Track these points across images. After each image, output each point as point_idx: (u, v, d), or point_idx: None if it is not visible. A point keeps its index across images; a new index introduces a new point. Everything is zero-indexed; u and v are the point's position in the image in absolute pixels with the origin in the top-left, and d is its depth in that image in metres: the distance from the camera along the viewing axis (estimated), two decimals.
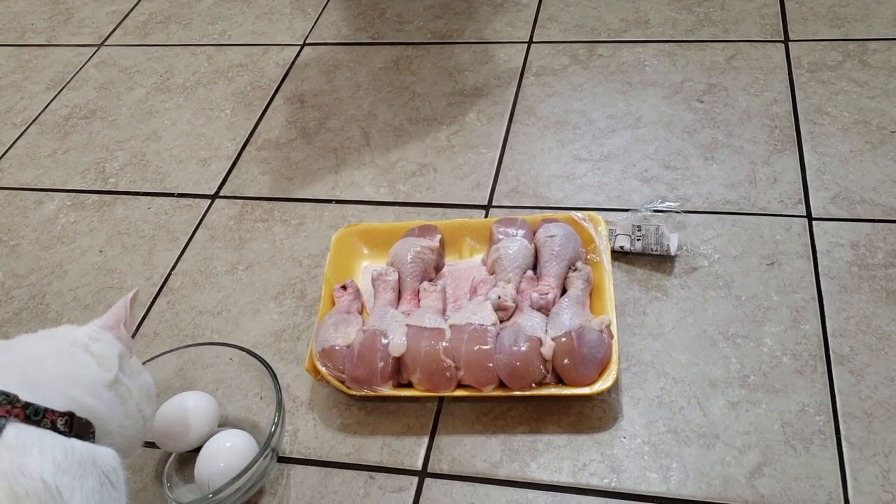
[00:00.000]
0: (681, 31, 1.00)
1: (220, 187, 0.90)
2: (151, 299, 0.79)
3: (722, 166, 0.82)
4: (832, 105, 0.86)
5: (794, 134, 0.84)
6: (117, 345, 0.54)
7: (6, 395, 0.44)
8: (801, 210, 0.76)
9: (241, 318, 0.76)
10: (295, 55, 1.07)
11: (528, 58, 1.00)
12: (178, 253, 0.83)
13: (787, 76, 0.91)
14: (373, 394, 0.65)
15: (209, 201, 0.89)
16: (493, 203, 0.83)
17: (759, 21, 0.99)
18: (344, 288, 0.72)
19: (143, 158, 0.95)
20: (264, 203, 0.87)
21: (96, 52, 1.14)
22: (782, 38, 0.96)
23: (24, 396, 0.45)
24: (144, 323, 0.77)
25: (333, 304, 0.71)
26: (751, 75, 0.91)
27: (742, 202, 0.78)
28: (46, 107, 1.05)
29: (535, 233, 0.74)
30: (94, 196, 0.92)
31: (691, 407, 0.63)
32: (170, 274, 0.81)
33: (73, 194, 0.92)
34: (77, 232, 0.87)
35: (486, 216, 0.81)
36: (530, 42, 1.03)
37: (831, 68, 0.90)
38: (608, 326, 0.65)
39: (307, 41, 1.09)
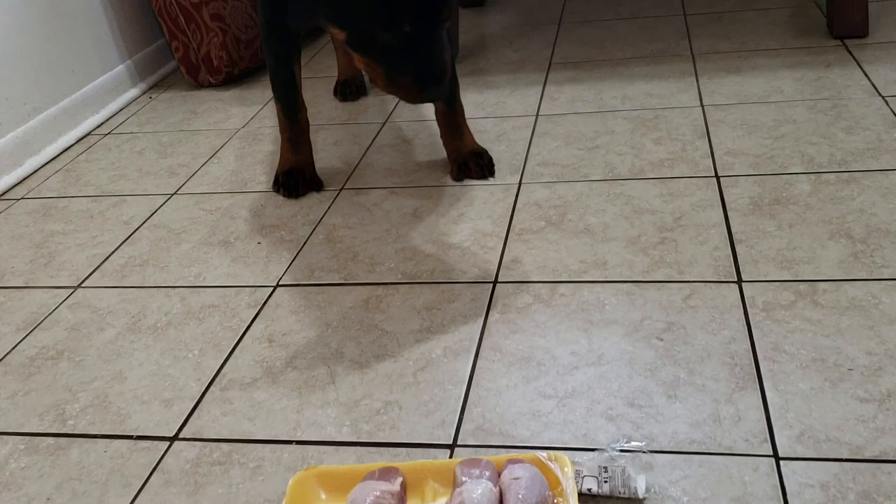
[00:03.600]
0: (637, 272, 1.04)
1: (180, 429, 0.88)
2: None
3: (685, 404, 0.81)
4: (789, 343, 0.88)
5: (755, 372, 0.84)
6: None
7: None
8: (768, 449, 0.75)
9: None
10: (267, 296, 1.10)
11: (494, 296, 1.03)
12: (130, 500, 0.80)
13: (743, 315, 0.93)
14: None
15: (168, 443, 0.86)
16: (459, 442, 0.81)
17: (713, 263, 1.03)
18: None
19: (106, 399, 0.94)
20: (223, 445, 0.85)
21: (72, 293, 1.17)
22: (735, 279, 1.00)
23: None
24: None
25: None
26: (708, 314, 0.94)
27: (708, 441, 0.77)
28: (14, 348, 1.06)
29: (500, 474, 0.72)
30: (50, 439, 0.89)
31: None
32: None
33: (27, 437, 0.90)
34: (26, 478, 0.84)
35: (450, 456, 0.80)
36: (495, 282, 1.06)
37: (785, 307, 0.94)
38: None
39: (280, 282, 1.13)
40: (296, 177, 1.36)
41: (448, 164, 1.38)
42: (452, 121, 1.36)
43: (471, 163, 1.35)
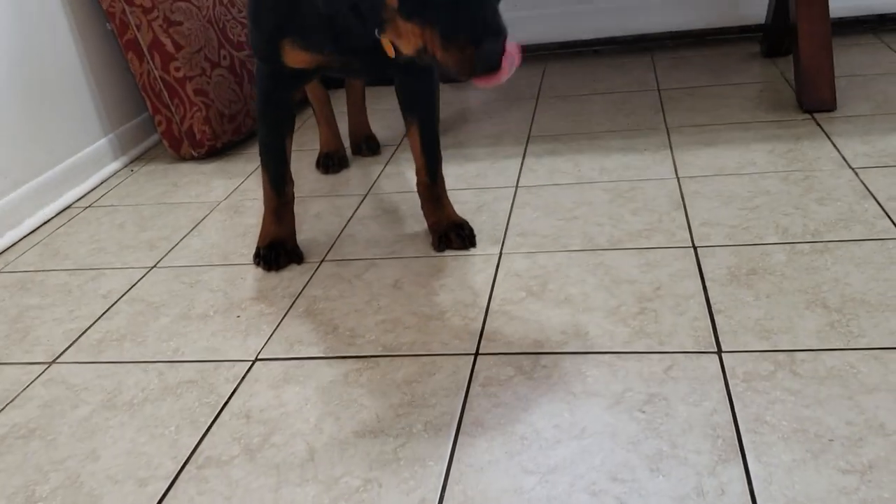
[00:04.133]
0: (618, 342, 1.04)
1: None
2: None
3: (668, 478, 0.81)
4: (770, 414, 0.88)
5: (737, 443, 0.84)
6: None
7: None
8: None
9: None
10: (246, 370, 1.09)
11: (475, 369, 1.03)
12: None
13: (724, 386, 0.93)
14: None
15: None
16: None
17: (692, 333, 1.04)
18: None
19: (78, 480, 0.92)
20: None
21: (46, 369, 1.15)
22: (715, 350, 1.00)
23: None
24: None
25: None
26: (689, 385, 0.94)
27: None
28: None
29: None
30: None
31: None
32: None
33: None
34: None
35: None
36: (477, 353, 1.06)
37: (765, 378, 0.94)
38: None
39: (259, 356, 1.12)
40: (277, 249, 1.35)
41: (429, 235, 1.39)
42: (434, 192, 1.37)
43: (452, 234, 1.36)
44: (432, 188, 1.37)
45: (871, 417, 0.86)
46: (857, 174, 1.43)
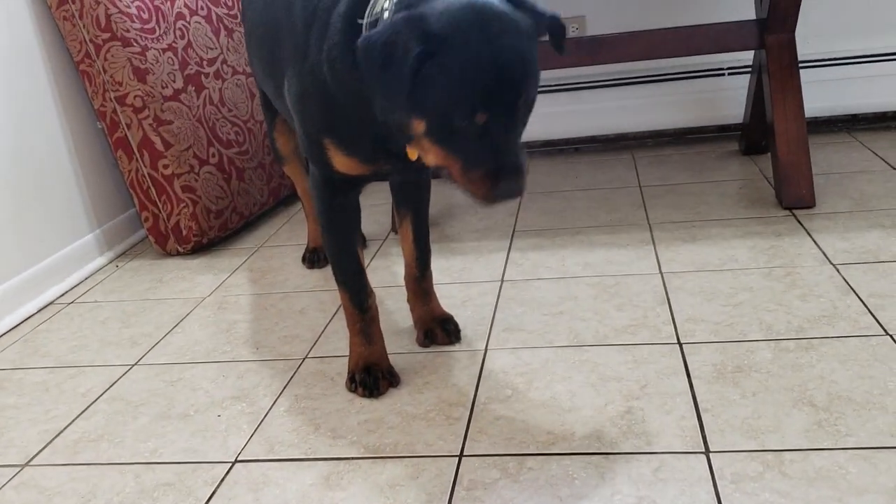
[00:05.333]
0: (606, 443, 1.02)
1: None
2: None
3: None
4: None
5: None
6: None
7: None
8: None
9: None
10: (225, 472, 1.06)
11: (460, 471, 1.01)
12: None
13: (713, 488, 0.91)
14: None
15: None
16: None
17: (680, 434, 1.02)
18: None
19: None
20: None
21: (18, 472, 1.11)
22: (703, 450, 0.99)
23: None
24: None
25: None
26: (677, 487, 0.92)
27: None
28: None
29: None
30: None
31: None
32: None
33: None
34: None
35: None
36: (461, 455, 1.04)
37: (753, 479, 0.92)
38: None
39: (239, 458, 1.09)
40: (374, 373, 1.23)
41: (414, 330, 1.39)
42: (422, 286, 1.37)
43: (437, 329, 1.35)
44: (421, 282, 1.37)
45: None
46: (838, 270, 1.44)
